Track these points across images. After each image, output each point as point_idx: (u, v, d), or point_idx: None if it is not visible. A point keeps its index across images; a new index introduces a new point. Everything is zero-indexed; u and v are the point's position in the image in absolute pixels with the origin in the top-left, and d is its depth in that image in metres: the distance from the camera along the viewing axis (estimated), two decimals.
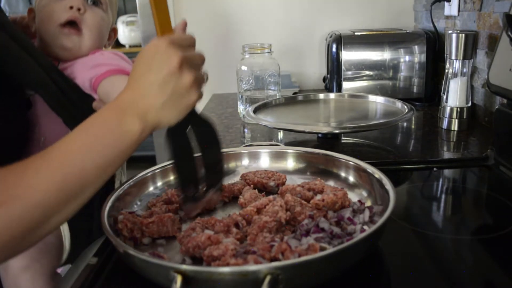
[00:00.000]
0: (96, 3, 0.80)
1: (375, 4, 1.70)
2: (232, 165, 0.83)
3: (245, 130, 1.23)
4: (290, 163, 0.83)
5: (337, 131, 1.05)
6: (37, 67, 0.71)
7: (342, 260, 0.51)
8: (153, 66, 0.51)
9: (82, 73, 0.77)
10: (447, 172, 0.91)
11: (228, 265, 0.50)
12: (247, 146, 0.87)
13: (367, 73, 1.45)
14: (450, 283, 0.56)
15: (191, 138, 0.59)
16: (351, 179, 0.75)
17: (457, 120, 1.15)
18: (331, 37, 1.49)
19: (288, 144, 1.08)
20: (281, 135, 1.18)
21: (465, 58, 1.13)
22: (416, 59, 1.44)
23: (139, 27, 1.64)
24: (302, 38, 1.73)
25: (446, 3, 1.36)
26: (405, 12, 1.71)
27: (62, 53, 0.79)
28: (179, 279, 0.46)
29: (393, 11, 1.71)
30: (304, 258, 0.49)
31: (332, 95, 1.34)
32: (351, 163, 0.75)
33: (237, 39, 1.61)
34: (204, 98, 0.62)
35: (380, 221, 0.54)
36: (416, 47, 1.43)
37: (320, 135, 1.11)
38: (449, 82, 1.17)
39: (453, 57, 1.14)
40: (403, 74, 1.45)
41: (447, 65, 1.17)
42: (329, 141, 1.10)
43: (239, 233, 0.59)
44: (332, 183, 0.75)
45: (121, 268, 0.59)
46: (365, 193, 0.71)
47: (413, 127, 1.24)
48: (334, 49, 1.45)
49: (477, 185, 0.89)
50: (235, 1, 1.69)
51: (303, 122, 1.11)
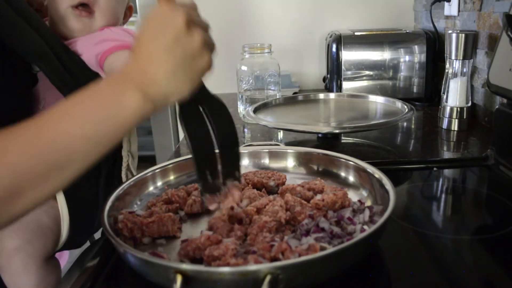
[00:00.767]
0: None
1: (375, 4, 1.70)
2: None
3: (245, 130, 1.23)
4: (290, 163, 0.83)
5: (337, 131, 1.05)
6: (36, 37, 0.66)
7: (342, 260, 0.51)
8: (157, 30, 0.46)
9: (88, 49, 0.73)
10: (447, 172, 0.91)
11: (228, 265, 0.50)
12: (247, 146, 0.87)
13: (367, 73, 1.45)
14: (450, 282, 0.56)
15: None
16: (351, 179, 0.75)
17: (457, 120, 1.15)
18: (331, 37, 1.49)
19: (288, 144, 1.08)
20: (281, 135, 1.18)
21: (465, 58, 1.13)
22: (416, 59, 1.44)
23: (139, 27, 1.64)
24: (302, 38, 1.73)
25: (446, 3, 1.36)
26: (405, 12, 1.71)
27: (69, 34, 0.75)
28: (179, 279, 0.46)
29: (393, 11, 1.71)
30: (304, 258, 0.49)
31: (332, 95, 1.34)
32: (351, 163, 0.75)
33: (237, 39, 1.61)
34: None
35: (380, 221, 0.54)
36: (416, 47, 1.43)
37: (320, 135, 1.11)
38: (449, 82, 1.17)
39: (453, 57, 1.14)
40: (403, 74, 1.45)
41: (447, 65, 1.17)
42: (329, 141, 1.10)
43: (241, 228, 0.59)
44: (332, 183, 0.75)
45: (121, 268, 0.59)
46: (365, 193, 0.71)
47: (413, 127, 1.24)
48: (334, 49, 1.45)
49: (477, 185, 0.89)
50: (235, 1, 1.69)
51: (303, 122, 1.11)
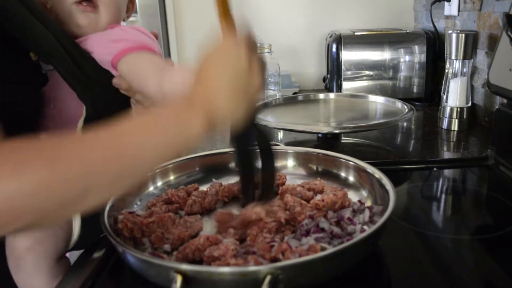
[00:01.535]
0: None
1: (375, 4, 1.70)
2: (232, 165, 0.83)
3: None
4: (290, 163, 0.83)
5: (337, 131, 1.05)
6: (47, 34, 0.67)
7: (342, 260, 0.51)
8: (224, 62, 0.51)
9: (100, 47, 0.73)
10: (447, 172, 0.91)
11: (228, 265, 0.50)
12: None
13: (367, 73, 1.45)
14: (450, 282, 0.56)
15: None
16: (351, 179, 0.75)
17: (457, 120, 1.15)
18: (331, 37, 1.49)
19: (288, 144, 1.08)
20: (281, 135, 1.18)
21: (465, 58, 1.13)
22: (416, 59, 1.43)
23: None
24: (302, 38, 1.73)
25: (446, 3, 1.36)
26: (405, 12, 1.71)
27: (77, 31, 0.75)
28: (179, 279, 0.46)
29: (393, 11, 1.71)
30: (304, 258, 0.49)
31: (332, 95, 1.34)
32: (351, 163, 0.75)
33: None
34: None
35: (380, 221, 0.54)
36: (416, 47, 1.43)
37: (320, 135, 1.11)
38: (449, 82, 1.17)
39: (453, 57, 1.14)
40: (403, 74, 1.45)
41: (447, 65, 1.17)
42: (329, 141, 1.10)
43: (237, 233, 0.59)
44: (332, 183, 0.75)
45: (121, 268, 0.59)
46: (365, 193, 0.71)
47: (413, 127, 1.24)
48: (334, 49, 1.45)
49: (477, 185, 0.89)
50: (235, 1, 1.69)
51: (303, 122, 1.11)
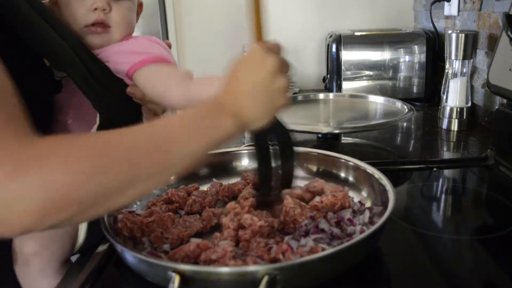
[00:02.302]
0: None
1: (375, 4, 1.70)
2: (231, 165, 0.83)
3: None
4: None
5: (337, 131, 1.05)
6: (64, 44, 0.69)
7: (341, 261, 0.51)
8: (251, 68, 0.55)
9: (115, 57, 0.74)
10: (447, 172, 0.91)
11: (227, 266, 0.50)
12: (247, 146, 0.87)
13: (367, 73, 1.45)
14: (449, 283, 0.56)
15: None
16: (351, 179, 0.75)
17: (457, 120, 1.15)
18: (331, 37, 1.49)
19: None
20: None
21: (465, 58, 1.13)
22: (416, 59, 1.43)
23: (139, 28, 1.64)
24: (302, 38, 1.73)
25: (446, 3, 1.36)
26: (404, 12, 1.71)
27: (90, 47, 0.77)
28: (177, 279, 0.46)
29: (393, 11, 1.71)
30: (302, 259, 0.49)
31: (332, 95, 1.34)
32: (350, 163, 0.75)
33: (237, 39, 1.61)
34: None
35: (378, 223, 0.54)
36: (416, 47, 1.43)
37: (320, 135, 1.11)
38: (449, 82, 1.17)
39: (453, 57, 1.14)
40: (403, 74, 1.45)
41: (447, 65, 1.17)
42: (329, 141, 1.10)
43: (229, 236, 0.58)
44: (332, 183, 0.75)
45: (121, 267, 0.59)
46: (364, 193, 0.71)
47: (413, 127, 1.24)
48: (334, 49, 1.45)
49: (477, 185, 0.89)
50: (235, 2, 1.69)
51: (303, 122, 1.11)
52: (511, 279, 0.56)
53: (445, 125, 1.17)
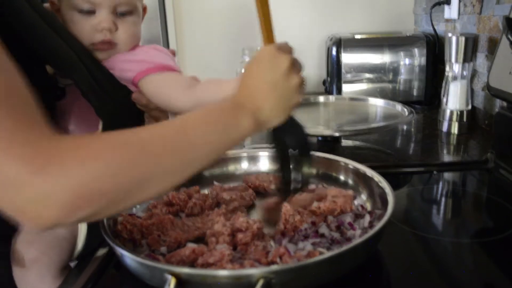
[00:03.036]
0: (126, 11, 0.73)
1: (375, 7, 1.70)
2: (231, 168, 0.83)
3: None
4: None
5: (337, 134, 1.05)
6: (69, 51, 0.68)
7: (338, 265, 0.51)
8: (266, 68, 0.56)
9: (120, 64, 0.74)
10: (447, 175, 0.91)
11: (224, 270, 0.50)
12: (250, 148, 0.87)
13: (367, 76, 1.45)
14: (449, 285, 0.56)
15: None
16: (351, 182, 0.75)
17: (457, 123, 1.15)
18: (331, 40, 1.49)
19: None
20: None
21: (465, 61, 1.13)
22: (416, 62, 1.44)
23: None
24: (302, 41, 1.73)
25: (446, 6, 1.36)
26: (405, 15, 1.71)
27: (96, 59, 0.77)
28: (172, 282, 0.46)
29: (393, 14, 1.71)
30: (297, 263, 0.49)
31: (332, 98, 1.34)
32: (350, 166, 0.75)
33: (237, 42, 1.61)
34: None
35: (377, 227, 0.54)
36: (416, 50, 1.43)
37: (320, 138, 1.11)
38: (449, 85, 1.17)
39: (453, 60, 1.14)
40: (403, 77, 1.45)
41: (447, 68, 1.18)
42: (329, 144, 1.10)
43: (224, 242, 0.58)
44: (332, 187, 0.75)
45: (122, 270, 0.59)
46: (364, 196, 0.71)
47: (413, 130, 1.24)
48: (334, 52, 1.45)
49: (477, 188, 0.89)
50: (235, 3, 1.69)
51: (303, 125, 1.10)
52: (511, 282, 0.56)
53: (445, 128, 1.17)
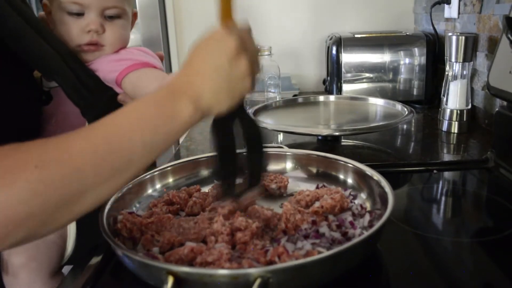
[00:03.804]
0: (114, 16, 0.75)
1: (375, 6, 1.70)
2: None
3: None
4: (289, 165, 0.83)
5: (337, 133, 1.05)
6: (53, 53, 0.69)
7: (337, 264, 0.51)
8: (210, 50, 0.51)
9: (104, 65, 0.75)
10: (447, 174, 0.91)
11: (223, 268, 0.50)
12: None
13: (367, 75, 1.45)
14: (449, 285, 0.56)
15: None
16: (350, 181, 0.75)
17: (457, 122, 1.15)
18: (331, 39, 1.49)
19: (288, 146, 1.08)
20: (281, 137, 1.18)
21: (465, 60, 1.12)
22: (416, 62, 1.44)
23: (139, 29, 1.64)
24: (302, 40, 1.73)
25: (446, 6, 1.36)
26: (405, 14, 1.71)
27: (83, 61, 0.77)
28: (170, 281, 0.46)
29: (393, 14, 1.71)
30: (295, 262, 0.48)
31: (332, 97, 1.34)
32: (350, 165, 0.75)
33: None
34: None
35: (376, 225, 0.53)
36: (416, 49, 1.43)
37: (320, 137, 1.11)
38: (449, 84, 1.17)
39: (453, 60, 1.14)
40: (403, 76, 1.45)
41: (447, 68, 1.17)
42: (329, 143, 1.10)
43: (223, 242, 0.58)
44: (332, 186, 0.75)
45: (122, 269, 0.59)
46: (364, 195, 0.71)
47: (413, 129, 1.24)
48: (334, 52, 1.45)
49: (477, 187, 0.89)
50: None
51: (303, 124, 1.11)
52: (511, 281, 0.56)
53: (445, 127, 1.17)
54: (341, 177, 0.77)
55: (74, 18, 0.72)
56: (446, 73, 1.19)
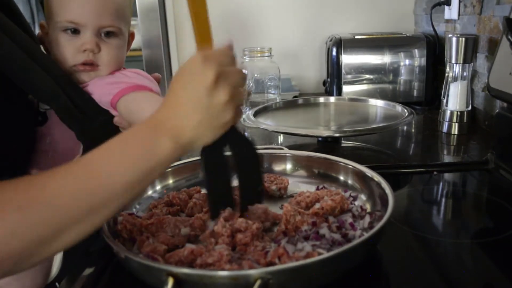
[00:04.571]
0: (110, 34, 0.74)
1: (375, 8, 1.71)
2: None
3: (245, 133, 1.23)
4: (289, 167, 0.83)
5: (337, 135, 1.05)
6: (47, 78, 0.68)
7: (337, 265, 0.51)
8: (188, 83, 0.49)
9: (99, 88, 0.74)
10: (447, 175, 0.91)
11: (223, 270, 0.50)
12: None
13: (367, 76, 1.46)
14: (450, 286, 0.55)
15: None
16: (350, 182, 0.75)
17: (457, 123, 1.15)
18: (331, 40, 1.49)
19: (288, 147, 1.08)
20: (281, 138, 1.18)
21: (465, 62, 1.13)
22: (416, 63, 1.44)
23: (139, 31, 1.64)
24: (302, 41, 1.73)
25: (446, 7, 1.36)
26: (405, 16, 1.71)
27: (77, 82, 0.76)
28: (170, 282, 0.46)
29: (393, 15, 1.71)
30: (295, 263, 0.48)
31: (332, 99, 1.34)
32: (350, 166, 0.75)
33: (237, 43, 1.61)
34: None
35: (376, 227, 0.54)
36: (416, 50, 1.43)
37: (320, 139, 1.11)
38: (449, 85, 1.17)
39: (453, 61, 1.14)
40: (403, 77, 1.45)
41: (447, 69, 1.18)
42: (329, 144, 1.10)
43: (224, 243, 0.58)
44: (333, 187, 0.75)
45: (123, 269, 0.59)
46: (364, 197, 0.71)
47: (413, 130, 1.24)
48: (334, 53, 1.45)
49: (477, 188, 0.89)
50: (235, 5, 1.69)
51: (303, 125, 1.11)
52: (511, 282, 0.56)
53: (445, 129, 1.17)
54: (341, 178, 0.77)
55: (70, 37, 0.71)
56: (446, 74, 1.19)
